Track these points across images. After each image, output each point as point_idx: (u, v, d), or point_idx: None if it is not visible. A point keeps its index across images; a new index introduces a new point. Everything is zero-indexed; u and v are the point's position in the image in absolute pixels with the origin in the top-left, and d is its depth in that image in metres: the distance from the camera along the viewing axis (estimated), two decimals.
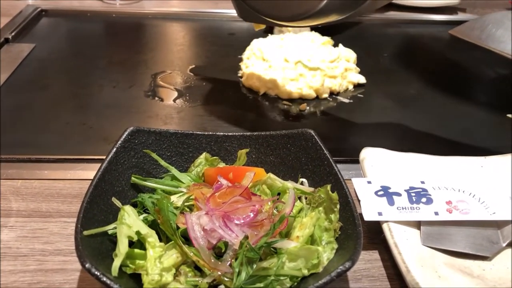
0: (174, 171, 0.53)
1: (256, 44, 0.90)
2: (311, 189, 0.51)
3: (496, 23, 1.02)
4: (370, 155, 0.58)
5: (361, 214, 0.49)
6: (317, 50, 0.86)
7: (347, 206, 0.47)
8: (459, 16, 1.23)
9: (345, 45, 0.93)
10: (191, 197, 0.48)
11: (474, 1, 1.33)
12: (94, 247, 0.42)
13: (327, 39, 0.93)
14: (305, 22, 0.61)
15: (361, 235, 0.43)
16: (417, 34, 1.14)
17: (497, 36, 1.00)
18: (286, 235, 0.46)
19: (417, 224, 0.51)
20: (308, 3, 0.56)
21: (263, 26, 0.75)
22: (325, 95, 0.82)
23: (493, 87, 0.92)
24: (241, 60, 0.91)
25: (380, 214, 0.50)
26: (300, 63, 0.82)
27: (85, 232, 0.42)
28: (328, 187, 0.49)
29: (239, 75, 0.89)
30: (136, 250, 0.43)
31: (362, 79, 0.87)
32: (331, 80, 0.83)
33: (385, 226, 0.50)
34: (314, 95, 0.81)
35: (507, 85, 0.91)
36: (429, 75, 0.95)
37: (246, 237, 0.42)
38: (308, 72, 0.81)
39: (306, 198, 0.51)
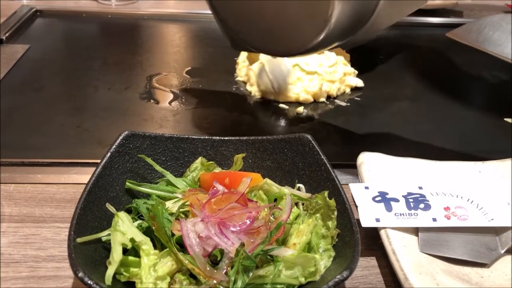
0: (169, 176, 0.52)
1: None
2: (308, 195, 0.50)
3: (493, 26, 1.01)
4: (368, 160, 0.58)
5: (358, 220, 0.49)
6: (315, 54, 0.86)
7: (345, 212, 0.46)
8: (456, 19, 1.23)
9: (341, 47, 0.93)
10: (186, 203, 0.47)
11: (471, 4, 1.33)
12: (88, 254, 0.42)
13: None
14: (300, 56, 0.60)
15: (359, 243, 0.43)
16: (414, 36, 1.14)
17: (494, 39, 0.99)
18: (283, 242, 0.46)
19: (415, 231, 0.50)
20: (302, 39, 0.54)
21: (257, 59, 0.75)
22: (322, 99, 0.82)
23: (491, 91, 0.92)
24: (237, 63, 0.90)
25: (377, 220, 0.50)
26: (298, 66, 0.81)
27: (79, 239, 0.42)
28: (326, 193, 0.48)
29: (235, 78, 0.88)
30: (130, 258, 0.42)
31: (360, 83, 0.87)
32: (329, 84, 0.82)
33: (382, 233, 0.49)
34: (311, 99, 0.81)
35: (505, 89, 0.91)
36: (426, 78, 0.94)
37: (242, 245, 0.41)
38: (306, 76, 0.81)
39: (303, 204, 0.51)
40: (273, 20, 0.55)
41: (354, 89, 0.86)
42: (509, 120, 0.79)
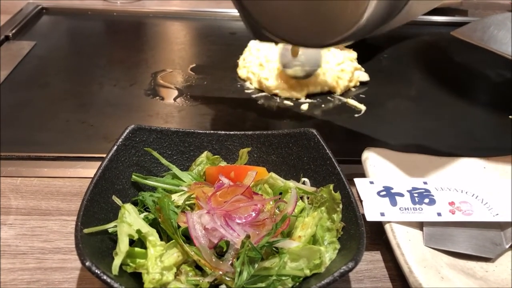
0: (175, 169, 0.53)
1: (254, 45, 0.90)
2: (313, 188, 0.51)
3: (498, 25, 1.01)
4: (373, 155, 0.58)
5: (363, 215, 0.49)
6: (321, 51, 0.86)
7: (350, 206, 0.46)
8: (461, 18, 1.23)
9: (346, 46, 0.93)
10: (192, 196, 0.47)
11: (476, 3, 1.32)
12: (94, 245, 0.42)
13: None
14: (328, 47, 0.59)
15: (364, 236, 0.43)
16: (419, 35, 1.14)
17: (499, 37, 0.99)
18: (288, 234, 0.46)
19: (420, 225, 0.51)
20: (334, 31, 0.53)
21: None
22: (328, 96, 0.82)
23: (495, 89, 0.92)
24: (242, 60, 0.91)
25: (382, 214, 0.50)
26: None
27: (86, 230, 0.42)
28: (331, 186, 0.48)
29: (239, 75, 0.88)
30: (137, 249, 0.42)
31: (366, 77, 0.87)
32: (337, 82, 0.82)
33: (387, 227, 0.49)
34: (316, 92, 0.81)
35: (509, 87, 0.91)
36: (431, 76, 0.94)
37: (248, 237, 0.42)
38: (311, 74, 0.81)
39: (308, 197, 0.51)
40: (303, 13, 0.54)
41: (359, 86, 0.87)
42: None
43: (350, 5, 0.49)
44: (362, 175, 0.57)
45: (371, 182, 0.53)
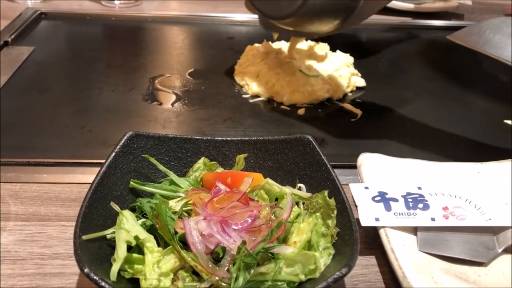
0: (172, 176, 0.53)
1: (251, 51, 0.90)
2: (309, 194, 0.51)
3: (494, 29, 1.02)
4: (367, 161, 0.59)
5: (358, 220, 0.49)
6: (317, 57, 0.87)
7: (344, 211, 0.47)
8: (457, 22, 1.24)
9: (343, 51, 0.94)
10: (189, 202, 0.48)
11: (472, 7, 1.33)
12: (93, 251, 0.43)
13: (322, 45, 0.93)
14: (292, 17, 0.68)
15: (358, 241, 0.43)
16: (415, 39, 1.15)
17: (494, 42, 1.00)
18: (284, 240, 0.46)
19: (414, 230, 0.51)
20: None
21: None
22: (324, 101, 0.83)
23: (491, 93, 0.93)
24: (239, 65, 0.91)
25: (377, 219, 0.50)
26: (300, 71, 0.82)
27: (84, 237, 0.42)
28: (326, 192, 0.49)
29: (236, 81, 0.89)
30: (135, 255, 0.43)
31: (362, 82, 0.88)
32: (333, 88, 0.83)
33: (382, 232, 0.50)
34: (313, 102, 0.82)
35: (505, 91, 0.92)
36: (426, 80, 0.95)
37: (244, 243, 0.42)
38: (308, 79, 0.82)
39: (303, 203, 0.51)
40: None
41: (356, 91, 0.87)
42: (508, 122, 0.79)
43: None
44: (357, 180, 0.58)
45: (366, 187, 0.54)
